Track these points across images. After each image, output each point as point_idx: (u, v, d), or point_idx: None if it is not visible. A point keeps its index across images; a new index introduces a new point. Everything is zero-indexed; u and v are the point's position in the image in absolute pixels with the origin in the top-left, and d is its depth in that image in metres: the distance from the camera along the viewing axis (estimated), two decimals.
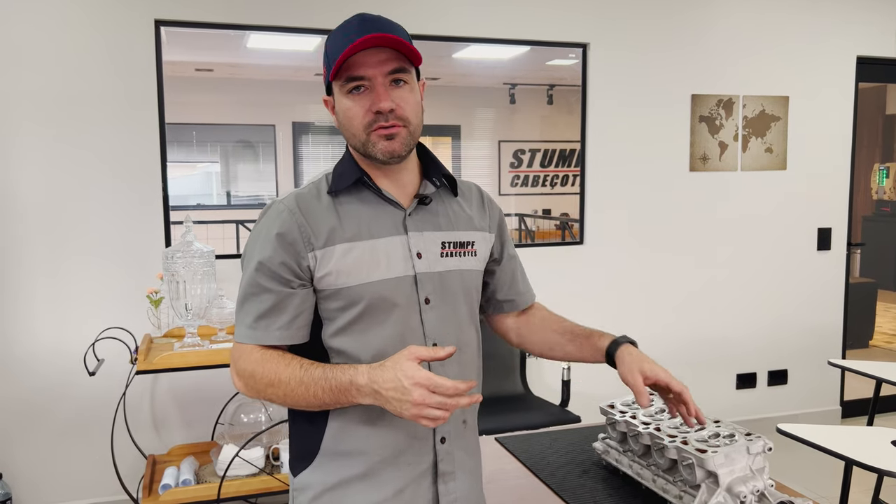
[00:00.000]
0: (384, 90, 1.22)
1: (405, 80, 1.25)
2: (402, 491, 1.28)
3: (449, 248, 1.33)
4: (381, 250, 1.26)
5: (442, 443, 1.31)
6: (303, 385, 1.18)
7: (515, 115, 3.74)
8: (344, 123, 1.27)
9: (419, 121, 1.29)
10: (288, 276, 1.23)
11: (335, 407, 1.21)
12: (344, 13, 3.30)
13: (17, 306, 3.03)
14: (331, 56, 1.25)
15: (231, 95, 3.30)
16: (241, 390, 1.26)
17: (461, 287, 1.34)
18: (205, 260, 2.68)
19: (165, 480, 2.73)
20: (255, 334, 1.23)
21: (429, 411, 1.10)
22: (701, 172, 3.99)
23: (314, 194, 1.28)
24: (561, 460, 1.89)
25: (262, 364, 1.21)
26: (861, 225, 4.76)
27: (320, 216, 1.25)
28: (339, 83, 1.25)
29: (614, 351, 1.37)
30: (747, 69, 4.02)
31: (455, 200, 1.39)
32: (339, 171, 1.31)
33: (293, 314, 1.24)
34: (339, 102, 1.27)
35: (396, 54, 1.23)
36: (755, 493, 1.42)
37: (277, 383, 1.20)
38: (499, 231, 1.47)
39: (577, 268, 3.82)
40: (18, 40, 2.94)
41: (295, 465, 1.33)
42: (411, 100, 1.26)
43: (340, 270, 1.23)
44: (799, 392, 4.33)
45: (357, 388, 1.15)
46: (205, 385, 3.25)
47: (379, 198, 1.30)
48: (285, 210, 1.24)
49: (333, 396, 1.17)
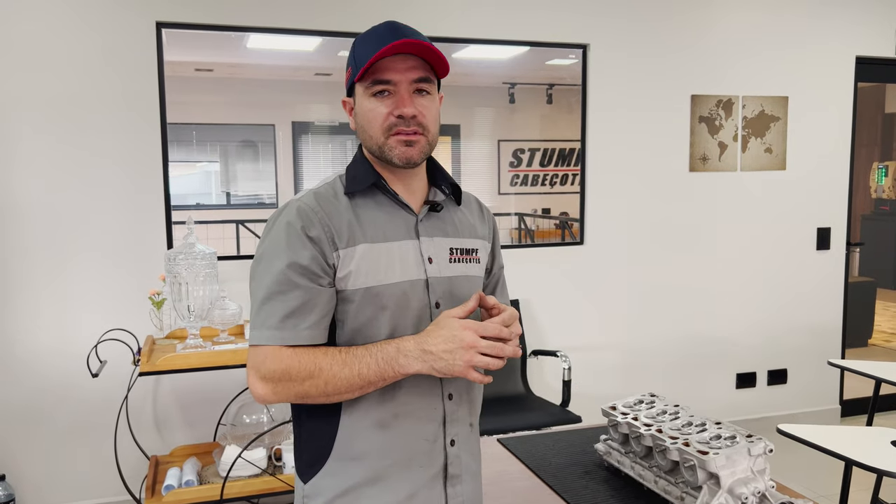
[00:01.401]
0: (408, 96, 1.25)
1: (428, 90, 1.27)
2: (414, 495, 1.28)
3: (456, 254, 1.35)
4: (396, 253, 1.27)
5: (452, 445, 1.32)
6: (346, 366, 1.18)
7: (515, 114, 3.75)
8: (363, 125, 1.29)
9: (437, 131, 1.31)
10: (319, 272, 1.22)
11: (375, 385, 1.20)
12: (343, 14, 3.31)
13: (20, 308, 3.03)
14: (359, 58, 1.26)
15: (231, 95, 3.31)
16: (266, 397, 1.20)
17: (468, 292, 1.35)
18: (207, 262, 2.69)
19: (168, 481, 2.73)
20: (282, 335, 1.20)
21: (480, 358, 1.15)
22: (701, 173, 4.00)
23: (332, 194, 1.29)
24: (563, 461, 1.90)
25: (298, 358, 1.18)
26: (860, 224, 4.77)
27: (340, 216, 1.25)
28: (363, 85, 1.27)
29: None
30: (747, 70, 4.02)
31: (459, 209, 1.41)
32: (353, 173, 1.31)
33: (322, 313, 1.22)
34: (361, 104, 1.28)
35: (423, 63, 1.26)
36: (756, 495, 1.43)
37: (318, 372, 1.18)
38: (493, 241, 1.49)
39: (577, 267, 3.83)
40: (22, 43, 2.94)
41: (304, 471, 1.32)
42: (433, 109, 1.28)
43: (360, 271, 1.24)
44: (798, 391, 4.35)
45: (404, 353, 1.17)
46: (207, 386, 3.26)
47: (393, 202, 1.31)
48: (307, 208, 1.24)
49: (378, 369, 1.17)
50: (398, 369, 1.18)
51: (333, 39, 3.37)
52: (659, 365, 4.02)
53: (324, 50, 3.39)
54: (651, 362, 4.00)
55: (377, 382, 1.20)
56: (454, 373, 1.16)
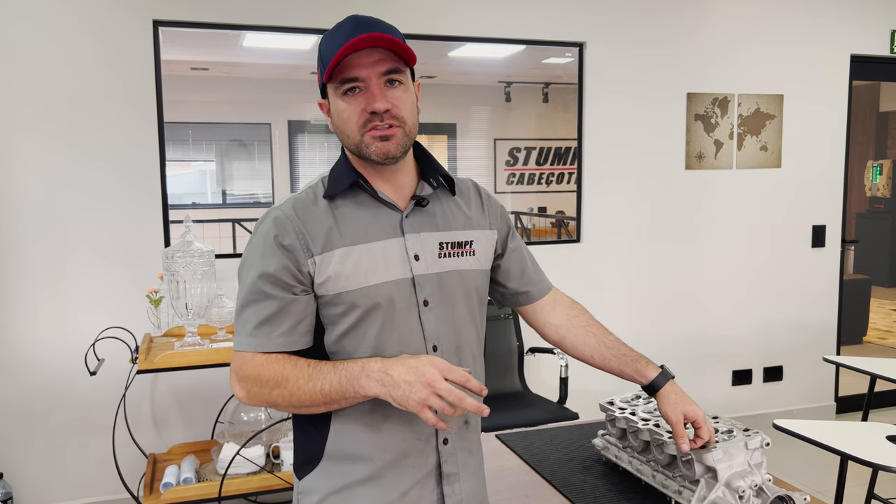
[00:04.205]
0: (379, 90, 1.22)
1: (400, 80, 1.24)
2: (407, 493, 1.28)
3: (447, 248, 1.32)
4: (378, 253, 1.25)
5: (444, 444, 1.31)
6: (311, 380, 1.17)
7: (511, 113, 3.75)
8: (339, 126, 1.27)
9: (414, 121, 1.28)
10: (290, 282, 1.22)
11: (338, 404, 1.18)
12: (340, 13, 3.31)
13: (18, 306, 3.03)
14: (324, 58, 1.24)
15: (227, 94, 3.30)
16: (242, 399, 1.23)
17: (460, 287, 1.33)
18: (205, 259, 2.69)
19: (166, 479, 2.74)
20: (256, 342, 1.22)
21: (435, 399, 1.10)
22: (697, 170, 4.02)
23: (311, 199, 1.27)
24: (561, 457, 1.91)
25: (268, 366, 1.20)
26: (855, 222, 4.79)
27: (317, 221, 1.24)
28: (333, 85, 1.25)
29: (660, 384, 1.48)
30: (742, 68, 4.04)
31: (453, 200, 1.38)
32: (335, 174, 1.30)
33: (295, 320, 1.23)
34: (334, 105, 1.26)
35: (391, 55, 1.22)
36: (753, 488, 1.44)
37: (284, 383, 1.18)
38: (501, 225, 1.46)
39: (574, 265, 3.84)
40: (19, 41, 2.94)
41: (299, 469, 1.33)
42: (406, 100, 1.25)
43: (339, 275, 1.22)
44: (794, 388, 4.37)
45: (367, 373, 1.14)
46: (205, 384, 3.26)
47: (375, 200, 1.29)
48: (283, 217, 1.24)
49: (340, 387, 1.16)
50: (359, 390, 1.15)
51: None
52: (655, 362, 4.02)
53: None
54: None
55: (339, 401, 1.18)
56: (408, 407, 1.11)
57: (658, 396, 1.48)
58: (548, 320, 1.53)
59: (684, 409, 1.44)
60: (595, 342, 1.50)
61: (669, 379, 1.48)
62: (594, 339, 1.51)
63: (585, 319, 1.53)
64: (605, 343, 1.50)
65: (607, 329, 1.54)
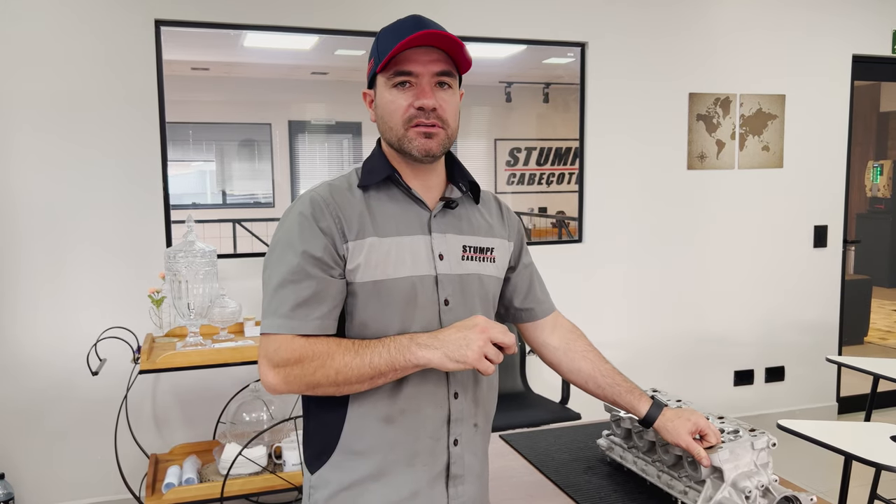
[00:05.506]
0: (430, 88, 1.25)
1: (450, 84, 1.28)
2: (417, 493, 1.29)
3: (470, 252, 1.35)
4: (406, 248, 1.27)
5: (455, 445, 1.32)
6: (358, 355, 1.18)
7: (511, 113, 3.75)
8: (383, 116, 1.29)
9: (456, 126, 1.31)
10: (331, 263, 1.22)
11: (384, 377, 1.19)
12: (340, 13, 3.31)
13: (20, 306, 3.02)
14: (382, 49, 1.26)
15: (227, 94, 3.30)
16: (276, 385, 1.20)
17: (479, 291, 1.35)
18: (207, 259, 2.69)
19: (168, 479, 2.73)
20: (293, 323, 1.20)
21: (490, 348, 1.16)
22: (698, 171, 4.01)
23: (346, 187, 1.29)
24: (565, 457, 1.90)
25: (310, 346, 1.18)
26: (856, 222, 4.79)
27: (353, 209, 1.26)
28: (385, 76, 1.27)
29: (654, 416, 1.50)
30: (744, 68, 4.04)
31: (476, 208, 1.41)
32: (369, 166, 1.32)
33: (332, 304, 1.23)
34: (382, 95, 1.28)
35: (446, 57, 1.26)
36: (760, 488, 1.44)
37: (330, 361, 1.18)
38: (517, 239, 1.49)
39: (575, 265, 3.84)
40: (21, 40, 2.93)
41: (311, 462, 1.33)
42: (453, 103, 1.28)
43: (368, 264, 1.24)
44: (796, 388, 4.36)
45: (417, 342, 1.18)
46: (206, 384, 3.25)
47: (407, 196, 1.31)
48: (320, 199, 1.25)
49: (390, 357, 1.17)
50: (410, 357, 1.17)
51: (330, 38, 3.37)
52: (656, 363, 4.03)
53: (320, 49, 3.39)
54: (648, 360, 4.01)
55: (388, 374, 1.19)
56: (468, 360, 1.15)
57: (657, 429, 1.51)
58: (547, 341, 1.55)
59: (686, 429, 1.46)
60: (591, 369, 1.52)
61: (662, 409, 1.51)
62: (590, 366, 1.53)
63: (583, 345, 1.55)
64: (601, 371, 1.52)
65: (604, 357, 1.56)
